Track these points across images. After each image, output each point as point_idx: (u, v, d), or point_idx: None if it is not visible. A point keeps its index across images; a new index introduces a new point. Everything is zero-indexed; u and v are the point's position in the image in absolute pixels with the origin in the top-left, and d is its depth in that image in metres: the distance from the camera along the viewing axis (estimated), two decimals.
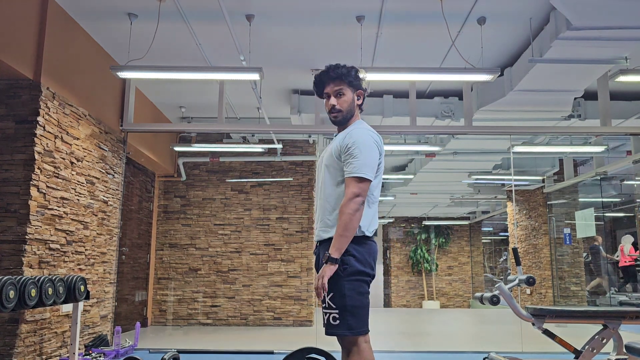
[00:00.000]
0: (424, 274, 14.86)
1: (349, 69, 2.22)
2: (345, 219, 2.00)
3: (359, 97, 2.25)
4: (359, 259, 2.08)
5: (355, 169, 2.04)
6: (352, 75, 2.22)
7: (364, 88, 2.26)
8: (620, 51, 4.44)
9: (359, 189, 2.02)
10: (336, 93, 2.22)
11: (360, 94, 2.25)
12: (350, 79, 2.21)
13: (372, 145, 2.12)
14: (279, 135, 7.59)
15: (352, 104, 2.23)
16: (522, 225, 10.05)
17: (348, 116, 2.24)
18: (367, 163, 2.06)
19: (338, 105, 2.22)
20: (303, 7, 4.32)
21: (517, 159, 8.68)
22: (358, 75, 2.24)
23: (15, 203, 3.87)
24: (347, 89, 2.22)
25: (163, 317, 7.54)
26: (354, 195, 2.01)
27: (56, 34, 4.22)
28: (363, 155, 2.06)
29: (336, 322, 2.04)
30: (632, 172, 8.50)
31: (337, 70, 2.21)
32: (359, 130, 2.15)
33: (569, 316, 3.34)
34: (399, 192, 10.76)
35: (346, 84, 2.21)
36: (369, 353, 2.06)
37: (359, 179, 2.04)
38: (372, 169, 2.08)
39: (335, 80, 2.21)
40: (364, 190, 2.03)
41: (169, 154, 7.49)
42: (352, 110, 2.24)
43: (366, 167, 2.05)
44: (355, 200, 2.01)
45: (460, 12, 4.38)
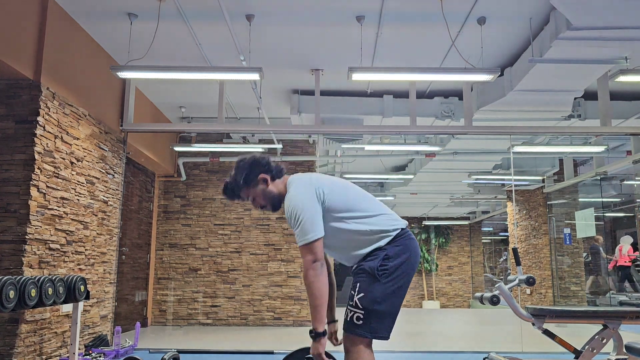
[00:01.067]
0: (424, 274, 14.86)
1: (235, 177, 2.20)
2: (310, 289, 1.99)
3: (264, 181, 2.20)
4: (392, 257, 2.09)
5: (299, 238, 2.03)
6: (240, 179, 2.19)
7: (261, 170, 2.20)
8: (620, 51, 4.44)
9: (311, 254, 2.00)
10: (249, 199, 2.25)
11: (261, 179, 2.20)
12: (240, 185, 2.20)
13: (303, 201, 2.06)
14: (279, 135, 7.59)
15: (265, 192, 2.21)
16: (522, 225, 10.05)
17: (275, 201, 2.23)
18: (306, 227, 2.02)
19: (258, 204, 2.24)
20: (303, 7, 4.32)
21: (517, 159, 8.68)
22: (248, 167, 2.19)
23: (15, 203, 3.87)
24: (249, 191, 2.22)
25: (163, 317, 7.54)
26: (308, 262, 2.00)
27: (56, 34, 4.22)
28: (300, 221, 2.03)
29: (359, 322, 2.04)
30: (632, 172, 8.50)
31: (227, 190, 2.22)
32: (287, 196, 2.12)
33: (569, 316, 3.34)
34: (399, 192, 10.76)
35: (244, 189, 2.21)
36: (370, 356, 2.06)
37: (306, 246, 2.02)
38: (315, 224, 2.04)
39: (237, 195, 2.23)
40: (315, 252, 2.00)
41: (169, 154, 7.50)
42: (272, 194, 2.21)
43: (308, 231, 2.02)
44: (312, 267, 1.99)
45: (460, 12, 4.38)
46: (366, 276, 2.09)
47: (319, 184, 2.13)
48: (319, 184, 2.12)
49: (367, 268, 2.09)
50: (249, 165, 2.21)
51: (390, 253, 2.10)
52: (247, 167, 2.20)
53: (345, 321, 2.09)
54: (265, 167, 2.21)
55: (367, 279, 2.08)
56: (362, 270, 2.11)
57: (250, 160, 2.22)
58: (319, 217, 2.07)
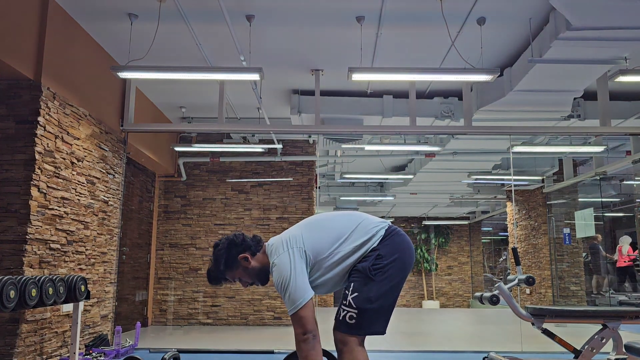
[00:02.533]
0: (424, 274, 14.87)
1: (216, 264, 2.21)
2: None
3: (245, 259, 2.20)
4: (385, 255, 2.10)
5: (289, 307, 2.02)
6: (221, 266, 2.20)
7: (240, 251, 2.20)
8: (620, 51, 4.44)
9: (301, 327, 1.99)
10: (236, 280, 2.26)
11: (242, 258, 2.20)
12: (223, 271, 2.21)
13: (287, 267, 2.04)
14: (279, 135, 7.59)
15: (250, 271, 2.22)
16: (521, 225, 10.06)
17: (261, 278, 2.24)
18: (293, 294, 2.01)
19: (246, 282, 2.25)
20: (303, 7, 4.32)
21: (516, 159, 8.69)
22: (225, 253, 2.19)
23: (15, 203, 3.87)
24: (232, 273, 2.22)
25: (163, 317, 7.54)
26: (299, 336, 1.99)
27: (56, 34, 4.22)
28: (287, 289, 2.02)
29: (352, 322, 2.05)
30: (631, 172, 8.50)
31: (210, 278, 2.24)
32: (272, 266, 2.11)
33: (569, 316, 3.35)
34: (398, 192, 10.77)
35: (230, 273, 2.22)
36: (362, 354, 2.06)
37: (295, 315, 2.00)
38: (301, 288, 2.02)
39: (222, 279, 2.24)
40: (308, 322, 1.99)
41: (170, 154, 7.50)
42: (254, 270, 2.22)
43: (296, 298, 2.01)
44: (304, 339, 1.98)
45: (460, 12, 4.38)
46: (359, 276, 2.10)
47: (298, 242, 2.12)
48: (298, 243, 2.12)
49: (361, 268, 2.11)
50: (225, 249, 2.20)
51: (382, 252, 2.11)
52: (224, 252, 2.20)
53: (337, 320, 2.09)
54: (242, 246, 2.21)
55: (360, 279, 2.09)
56: (356, 270, 2.12)
57: (226, 244, 2.21)
58: (305, 278, 2.06)
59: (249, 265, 2.21)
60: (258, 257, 2.23)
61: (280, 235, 2.20)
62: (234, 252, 2.20)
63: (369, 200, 11.62)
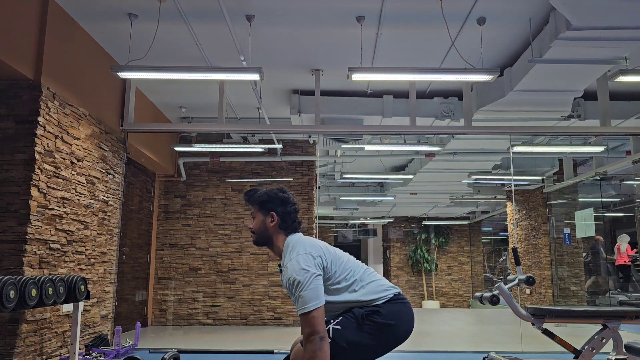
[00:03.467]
0: (424, 274, 14.86)
1: (260, 194, 2.25)
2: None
3: (272, 219, 2.21)
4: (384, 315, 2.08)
5: (301, 306, 1.99)
6: (260, 198, 2.23)
7: (278, 210, 2.21)
8: (620, 51, 4.44)
9: (310, 326, 1.95)
10: (252, 215, 2.28)
11: (272, 215, 2.21)
12: (257, 203, 2.24)
13: (306, 269, 2.03)
14: (279, 136, 7.59)
15: (263, 225, 2.23)
16: (521, 225, 10.06)
17: (261, 239, 2.24)
18: (307, 295, 1.98)
19: (251, 226, 2.27)
20: (303, 7, 4.32)
21: (516, 159, 8.69)
22: (272, 198, 2.23)
23: (15, 203, 3.87)
24: (257, 213, 2.25)
25: (163, 317, 7.54)
26: (308, 335, 1.95)
27: (56, 34, 4.22)
28: (301, 288, 1.99)
29: None
30: (631, 172, 8.50)
31: (247, 195, 2.28)
32: (289, 261, 2.09)
33: (569, 316, 3.35)
34: (398, 192, 10.77)
35: (256, 207, 2.25)
36: None
37: (306, 316, 1.97)
38: (315, 293, 2.00)
39: (248, 204, 2.28)
40: (316, 324, 1.96)
41: (169, 154, 7.50)
42: (265, 232, 2.23)
43: (309, 300, 1.98)
44: (312, 340, 1.94)
45: (460, 12, 4.38)
46: (352, 318, 2.08)
47: (321, 251, 2.12)
48: (321, 252, 2.11)
49: (356, 312, 2.09)
50: (276, 197, 2.24)
51: (383, 311, 2.09)
52: (273, 197, 2.24)
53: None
54: (282, 212, 2.22)
55: (351, 320, 2.07)
56: (351, 311, 2.11)
57: (281, 196, 2.24)
58: (321, 284, 2.04)
59: (268, 223, 2.22)
60: (280, 232, 2.22)
61: (303, 237, 2.19)
62: (274, 205, 2.22)
63: (369, 200, 11.62)
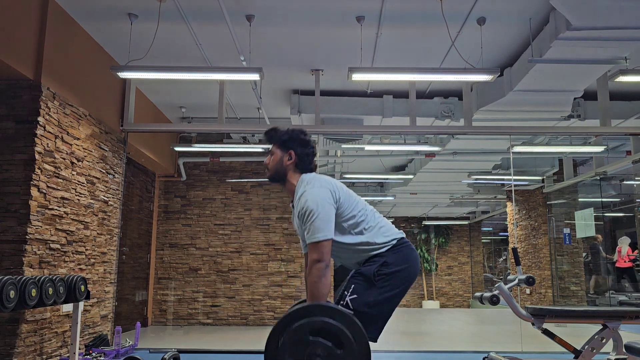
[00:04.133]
0: (424, 274, 14.86)
1: (281, 131, 2.30)
2: (311, 288, 1.99)
3: (289, 157, 2.26)
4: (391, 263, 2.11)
5: (311, 235, 2.04)
6: (282, 136, 2.28)
7: (297, 150, 2.26)
8: (620, 51, 4.44)
9: (317, 254, 2.01)
10: (270, 152, 2.32)
11: (290, 154, 2.26)
12: (277, 139, 2.29)
13: (320, 200, 2.08)
14: None
15: (280, 162, 2.27)
16: (521, 225, 10.06)
17: (276, 175, 2.28)
18: (321, 224, 2.04)
19: (267, 161, 2.31)
20: (303, 7, 4.32)
21: (516, 159, 8.69)
22: (293, 138, 2.27)
23: (15, 203, 3.87)
24: (276, 149, 2.29)
25: (163, 317, 7.54)
26: (314, 262, 2.00)
27: (56, 34, 4.22)
28: (313, 218, 2.04)
29: None
30: (631, 172, 8.50)
31: (268, 133, 2.32)
32: (304, 192, 2.13)
33: (569, 316, 3.35)
34: (398, 192, 10.77)
35: (276, 144, 2.30)
36: None
37: (316, 244, 2.02)
38: (327, 224, 2.05)
39: (268, 141, 2.32)
40: (324, 253, 2.01)
41: (170, 154, 7.50)
42: (281, 169, 2.27)
43: (319, 229, 2.03)
44: (317, 267, 1.99)
45: (460, 12, 4.38)
46: (363, 279, 2.10)
47: (335, 187, 2.16)
48: (335, 188, 2.15)
49: (365, 272, 2.12)
50: (297, 137, 2.28)
51: (389, 260, 2.12)
52: (294, 136, 2.27)
53: None
54: (301, 152, 2.26)
55: (363, 282, 2.10)
56: (359, 273, 2.13)
57: (302, 137, 2.28)
58: (333, 218, 2.09)
59: (285, 160, 2.26)
60: (295, 171, 2.27)
61: (318, 175, 2.24)
62: (294, 144, 2.26)
63: (369, 200, 11.62)
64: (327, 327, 1.86)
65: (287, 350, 1.85)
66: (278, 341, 1.87)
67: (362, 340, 1.87)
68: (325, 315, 1.88)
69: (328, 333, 1.86)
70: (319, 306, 1.91)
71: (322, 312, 1.89)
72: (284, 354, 1.84)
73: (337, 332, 1.85)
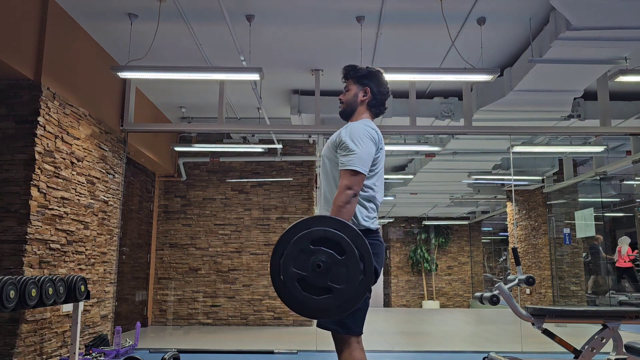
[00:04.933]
0: (424, 274, 14.86)
1: (359, 68, 2.32)
2: (335, 210, 1.98)
3: (364, 93, 2.29)
4: (377, 253, 2.08)
5: (350, 162, 2.04)
6: (360, 72, 2.31)
7: (372, 87, 2.29)
8: (620, 51, 4.44)
9: (350, 181, 2.01)
10: (345, 88, 2.35)
11: (365, 90, 2.29)
12: (355, 74, 2.31)
13: (367, 140, 2.11)
14: (279, 136, 7.59)
15: (355, 98, 2.30)
16: (521, 225, 10.06)
17: (349, 110, 2.32)
18: (361, 157, 2.05)
19: (342, 97, 2.34)
20: (303, 7, 4.32)
21: (516, 159, 8.69)
22: (371, 74, 2.30)
23: (15, 203, 3.87)
24: (352, 85, 2.32)
25: (163, 317, 7.54)
26: (346, 188, 2.00)
27: (56, 34, 4.22)
28: (357, 149, 2.06)
29: (348, 320, 2.04)
30: (631, 172, 8.50)
31: (347, 67, 2.35)
32: (356, 124, 2.16)
33: (569, 316, 3.35)
34: (398, 192, 10.77)
35: (353, 80, 2.32)
36: (360, 354, 2.05)
37: (352, 172, 2.02)
38: (367, 163, 2.07)
39: (345, 77, 2.36)
40: (356, 184, 2.02)
41: (169, 154, 7.50)
42: (354, 104, 2.30)
43: (360, 161, 2.04)
44: (347, 193, 1.99)
45: (460, 12, 4.38)
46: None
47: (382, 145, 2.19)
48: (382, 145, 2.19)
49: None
50: (375, 75, 2.31)
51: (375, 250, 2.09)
52: (373, 74, 2.31)
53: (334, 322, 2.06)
54: (377, 90, 2.29)
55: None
56: None
57: (378, 75, 2.31)
58: (371, 161, 2.10)
59: (360, 96, 2.29)
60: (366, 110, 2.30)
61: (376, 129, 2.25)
62: (371, 82, 2.30)
63: None
64: (327, 235, 1.87)
65: (290, 260, 1.86)
66: (282, 252, 1.88)
67: (364, 248, 1.88)
68: (326, 226, 1.89)
69: (329, 241, 1.87)
70: (319, 217, 1.92)
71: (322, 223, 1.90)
72: (287, 263, 1.86)
73: (338, 240, 1.86)
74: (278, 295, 1.90)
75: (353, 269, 1.85)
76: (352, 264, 1.85)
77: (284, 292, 1.88)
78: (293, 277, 1.86)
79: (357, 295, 1.86)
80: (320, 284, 1.85)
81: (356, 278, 1.85)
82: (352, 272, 1.85)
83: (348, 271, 1.85)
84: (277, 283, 1.89)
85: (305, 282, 1.86)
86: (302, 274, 1.85)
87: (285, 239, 1.89)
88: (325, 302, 1.85)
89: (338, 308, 1.86)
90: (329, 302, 1.85)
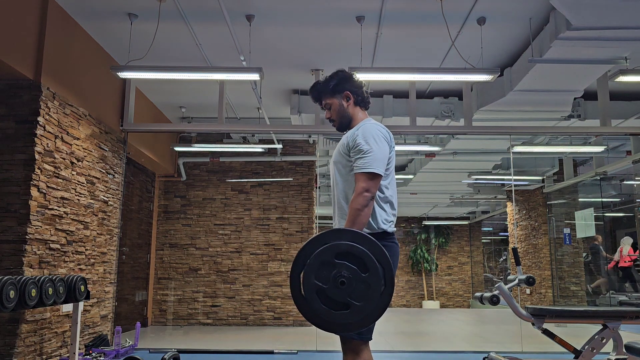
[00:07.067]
0: (424, 274, 14.86)
1: (326, 81, 2.28)
2: (353, 214, 1.96)
3: (347, 98, 2.26)
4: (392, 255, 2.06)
5: (366, 164, 2.02)
6: (330, 84, 2.26)
7: (350, 88, 2.25)
8: (620, 51, 4.44)
9: (368, 184, 1.99)
10: (326, 106, 2.31)
11: (346, 95, 2.25)
12: (327, 89, 2.27)
13: (381, 140, 2.09)
14: (279, 136, 7.59)
15: (341, 108, 2.27)
16: (521, 225, 10.05)
17: (344, 120, 2.28)
18: (377, 158, 2.04)
19: (330, 115, 2.30)
20: (303, 7, 4.32)
21: (516, 159, 8.69)
22: (341, 79, 2.26)
23: (15, 203, 3.87)
24: (331, 99, 2.28)
25: (163, 317, 7.54)
26: (363, 190, 1.98)
27: (56, 34, 4.22)
28: (373, 151, 2.04)
29: None
30: (631, 172, 8.50)
31: (314, 89, 2.31)
32: (367, 126, 2.15)
33: (569, 316, 3.35)
34: (398, 192, 10.71)
35: (328, 95, 2.28)
36: (368, 354, 2.05)
37: (369, 175, 2.01)
38: (382, 164, 2.06)
39: (319, 97, 2.31)
40: (373, 186, 2.00)
41: (169, 154, 7.50)
42: (345, 113, 2.27)
43: (376, 162, 2.03)
44: (364, 196, 1.97)
45: (460, 12, 4.38)
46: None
47: (392, 144, 2.17)
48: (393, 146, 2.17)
49: None
50: (343, 76, 2.27)
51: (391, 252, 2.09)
52: (341, 77, 2.27)
53: None
54: (355, 88, 2.26)
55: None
56: None
57: (346, 75, 2.28)
58: (386, 163, 2.09)
59: (345, 103, 2.26)
60: (356, 110, 2.28)
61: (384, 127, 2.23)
62: (346, 85, 2.26)
63: None
64: (352, 250, 1.84)
65: (312, 271, 1.84)
66: (304, 263, 1.86)
67: (387, 264, 1.86)
68: (351, 240, 1.86)
69: (353, 256, 1.85)
70: (346, 231, 1.89)
71: (348, 237, 1.87)
72: (309, 275, 1.84)
73: (362, 256, 1.83)
74: (295, 303, 1.89)
75: (374, 287, 1.83)
76: (373, 283, 1.83)
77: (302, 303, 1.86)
78: (313, 288, 1.84)
79: (379, 309, 1.84)
80: (340, 299, 1.83)
81: (376, 295, 1.83)
82: (373, 290, 1.83)
83: (368, 289, 1.83)
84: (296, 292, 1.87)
85: (325, 295, 1.84)
86: (323, 286, 1.83)
87: (308, 250, 1.86)
88: (343, 318, 1.83)
89: (358, 323, 1.84)
90: (346, 318, 1.83)
